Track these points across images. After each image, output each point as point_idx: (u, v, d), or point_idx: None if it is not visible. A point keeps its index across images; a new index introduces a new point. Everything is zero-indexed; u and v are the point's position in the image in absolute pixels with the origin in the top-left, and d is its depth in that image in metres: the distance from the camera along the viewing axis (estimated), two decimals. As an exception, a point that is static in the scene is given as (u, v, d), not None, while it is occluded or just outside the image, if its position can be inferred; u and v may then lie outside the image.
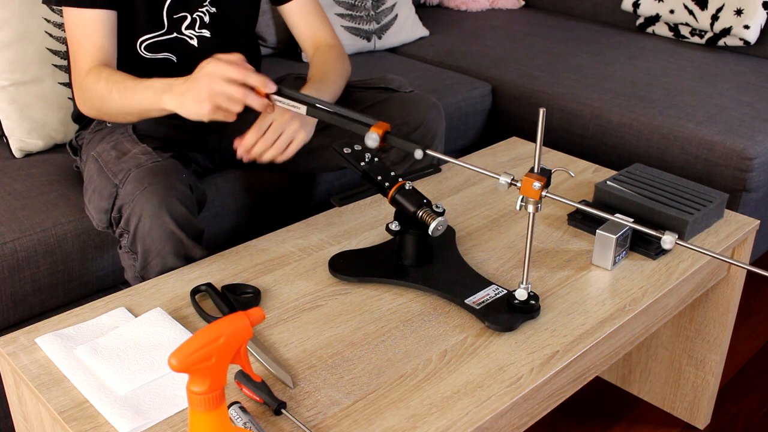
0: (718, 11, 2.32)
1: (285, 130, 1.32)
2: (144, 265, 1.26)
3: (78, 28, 1.34)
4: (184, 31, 1.45)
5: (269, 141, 1.32)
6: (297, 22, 1.59)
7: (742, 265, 0.88)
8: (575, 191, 1.50)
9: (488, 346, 1.07)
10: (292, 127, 1.32)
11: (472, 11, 2.80)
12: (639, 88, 2.07)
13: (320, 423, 0.94)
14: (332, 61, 1.52)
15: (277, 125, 1.32)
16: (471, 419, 0.95)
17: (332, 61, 1.52)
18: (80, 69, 1.35)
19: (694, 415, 1.61)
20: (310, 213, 1.43)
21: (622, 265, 1.27)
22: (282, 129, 1.32)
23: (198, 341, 0.75)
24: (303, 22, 1.58)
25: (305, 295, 1.18)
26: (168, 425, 0.93)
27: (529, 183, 1.02)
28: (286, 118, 1.32)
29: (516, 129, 2.14)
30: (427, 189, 1.50)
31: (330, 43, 1.57)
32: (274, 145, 1.32)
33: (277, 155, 1.33)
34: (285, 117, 1.33)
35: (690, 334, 1.53)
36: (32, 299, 1.42)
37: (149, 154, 1.30)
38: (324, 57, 1.53)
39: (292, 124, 1.32)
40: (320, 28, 1.58)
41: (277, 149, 1.32)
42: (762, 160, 1.78)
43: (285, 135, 1.32)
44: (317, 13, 1.59)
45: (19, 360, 1.03)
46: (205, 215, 1.53)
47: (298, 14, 1.58)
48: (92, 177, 1.34)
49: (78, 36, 1.34)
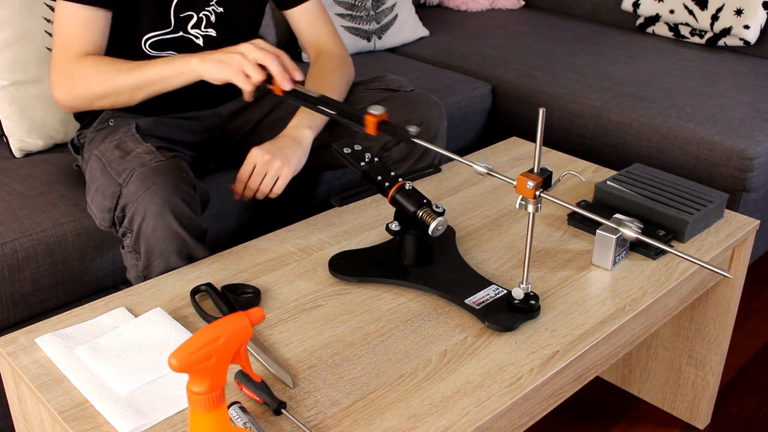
0: (718, 11, 2.32)
1: (268, 171, 1.37)
2: (147, 265, 1.26)
3: (70, 22, 1.33)
4: (190, 30, 1.45)
5: (255, 184, 1.38)
6: (301, 27, 1.59)
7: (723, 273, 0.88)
8: (575, 191, 1.50)
9: (488, 346, 1.07)
10: (274, 166, 1.37)
11: (472, 11, 2.80)
12: (639, 88, 2.07)
13: (320, 423, 0.94)
14: (330, 71, 1.53)
15: (259, 169, 1.37)
16: (471, 419, 0.95)
17: (330, 73, 1.53)
18: (70, 56, 1.34)
19: (694, 415, 1.61)
20: (310, 213, 1.43)
21: (622, 265, 1.27)
22: (265, 170, 1.37)
23: (198, 341, 0.75)
24: (307, 29, 1.59)
25: (305, 295, 1.18)
26: (168, 425, 0.93)
27: (523, 182, 1.02)
28: (266, 159, 1.36)
29: (516, 129, 2.14)
30: (427, 189, 1.50)
31: (331, 51, 1.57)
32: (260, 187, 1.38)
33: (264, 195, 1.39)
34: (265, 158, 1.36)
35: (690, 334, 1.53)
36: (32, 299, 1.42)
37: (153, 153, 1.30)
38: (322, 67, 1.54)
39: (274, 164, 1.37)
40: (324, 35, 1.58)
41: (263, 192, 1.38)
42: (762, 160, 1.78)
43: (269, 176, 1.37)
44: (322, 18, 1.59)
45: (19, 360, 1.03)
46: (205, 215, 1.53)
47: (303, 20, 1.58)
48: (95, 176, 1.34)
49: (70, 29, 1.34)
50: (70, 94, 1.36)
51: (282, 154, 1.38)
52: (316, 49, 1.58)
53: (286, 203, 1.68)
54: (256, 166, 1.37)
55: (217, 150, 1.58)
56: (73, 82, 1.35)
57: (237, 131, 1.60)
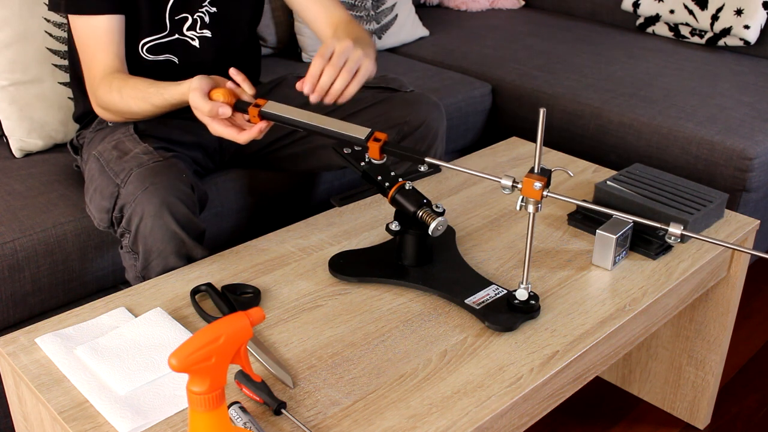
0: (718, 11, 2.32)
1: (350, 55, 1.22)
2: (145, 265, 1.26)
3: (87, 35, 1.35)
4: (185, 32, 1.45)
5: (337, 66, 1.21)
6: (309, 7, 1.50)
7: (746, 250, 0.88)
8: (575, 191, 1.50)
9: (488, 346, 1.07)
10: (356, 53, 1.22)
11: (472, 11, 2.80)
12: (639, 88, 2.07)
13: (320, 423, 0.94)
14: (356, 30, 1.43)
15: (341, 50, 1.21)
16: (471, 419, 0.95)
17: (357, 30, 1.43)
18: (93, 78, 1.36)
19: (694, 415, 1.61)
20: (310, 213, 1.43)
21: (622, 265, 1.27)
22: (347, 55, 1.22)
23: (198, 341, 0.75)
24: (316, 6, 1.50)
25: (305, 295, 1.18)
26: (168, 425, 0.93)
27: (529, 183, 1.02)
28: (348, 45, 1.23)
29: (516, 129, 2.14)
30: (427, 189, 1.50)
31: (347, 19, 1.49)
32: (342, 71, 1.21)
33: (346, 83, 1.22)
34: (346, 43, 1.23)
35: (690, 334, 1.53)
36: (32, 299, 1.42)
37: (151, 153, 1.30)
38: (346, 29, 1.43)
39: (356, 51, 1.23)
40: (335, 9, 1.50)
41: (347, 75, 1.21)
42: (762, 160, 1.78)
43: (351, 60, 1.22)
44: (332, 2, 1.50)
45: (19, 360, 1.03)
46: (205, 215, 1.53)
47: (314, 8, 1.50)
48: (93, 176, 1.34)
49: (89, 44, 1.35)
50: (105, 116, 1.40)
51: (361, 45, 1.25)
52: (331, 24, 1.49)
53: (286, 203, 1.68)
54: (336, 49, 1.21)
55: (215, 150, 1.58)
56: (98, 107, 1.38)
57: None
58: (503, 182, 1.03)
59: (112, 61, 1.35)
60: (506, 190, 1.04)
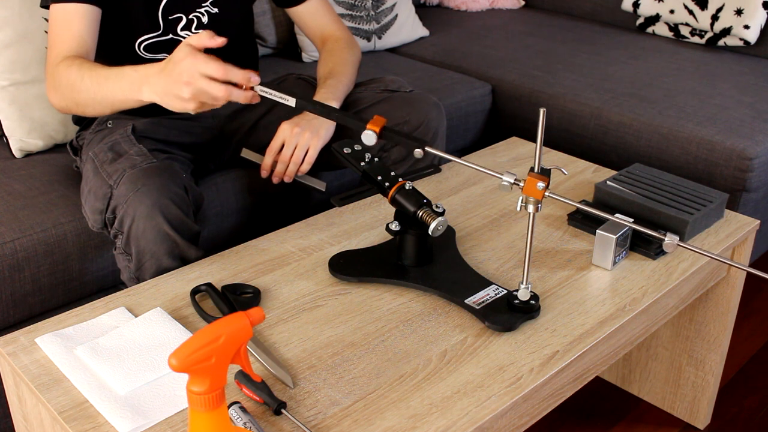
0: (718, 11, 2.32)
1: (298, 143, 1.38)
2: (139, 267, 1.26)
3: (58, 21, 1.32)
4: (179, 32, 1.45)
5: (286, 157, 1.39)
6: (306, 22, 1.62)
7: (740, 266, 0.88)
8: (575, 191, 1.50)
9: (488, 346, 1.07)
10: (303, 137, 1.38)
11: (472, 11, 2.80)
12: (639, 88, 2.07)
13: (320, 423, 0.94)
14: (339, 50, 1.56)
15: (289, 141, 1.39)
16: (471, 419, 0.95)
17: (340, 52, 1.56)
18: (54, 57, 1.30)
19: (694, 415, 1.61)
20: (310, 213, 1.43)
21: (622, 265, 1.27)
22: (295, 142, 1.38)
23: (198, 341, 0.76)
24: (312, 23, 1.62)
25: (305, 295, 1.18)
26: (168, 425, 0.93)
27: (532, 183, 1.02)
28: (296, 131, 1.37)
29: (516, 129, 2.14)
30: (427, 189, 1.50)
31: (338, 36, 1.60)
32: (292, 159, 1.39)
33: (296, 167, 1.40)
34: (294, 130, 1.37)
35: (690, 334, 1.53)
36: (32, 299, 1.42)
37: (144, 155, 1.30)
38: (332, 49, 1.57)
39: (304, 135, 1.38)
40: (329, 24, 1.61)
41: (295, 163, 1.39)
42: (762, 160, 1.78)
43: (299, 148, 1.38)
44: (326, 10, 1.62)
45: (19, 360, 1.03)
46: (205, 215, 1.53)
47: (308, 16, 1.61)
48: (88, 177, 1.34)
49: (57, 28, 1.32)
50: (55, 99, 1.32)
51: (310, 125, 1.40)
52: (322, 38, 1.61)
53: (286, 203, 1.68)
54: (286, 139, 1.38)
55: (215, 150, 1.58)
56: (53, 87, 1.31)
57: (235, 132, 1.60)
58: (505, 178, 1.03)
59: (79, 46, 1.30)
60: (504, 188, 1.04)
